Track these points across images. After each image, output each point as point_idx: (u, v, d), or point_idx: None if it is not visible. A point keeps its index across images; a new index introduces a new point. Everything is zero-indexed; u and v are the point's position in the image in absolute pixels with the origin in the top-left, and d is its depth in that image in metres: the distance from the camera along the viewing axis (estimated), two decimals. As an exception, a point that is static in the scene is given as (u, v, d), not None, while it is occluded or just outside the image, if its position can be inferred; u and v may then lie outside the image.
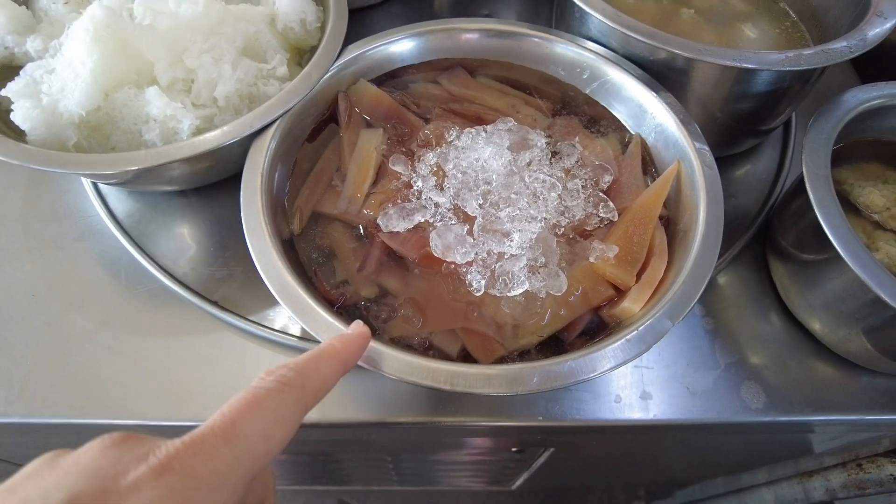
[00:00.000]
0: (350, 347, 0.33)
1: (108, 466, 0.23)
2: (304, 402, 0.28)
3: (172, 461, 0.23)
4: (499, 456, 0.67)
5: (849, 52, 0.49)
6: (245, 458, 0.25)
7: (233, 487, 0.24)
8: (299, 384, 0.28)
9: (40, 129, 0.47)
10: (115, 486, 0.22)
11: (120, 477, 0.22)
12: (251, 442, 0.25)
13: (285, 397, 0.27)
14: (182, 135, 0.47)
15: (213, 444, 0.24)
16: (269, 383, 0.28)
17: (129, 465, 0.23)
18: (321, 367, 0.30)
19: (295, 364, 0.29)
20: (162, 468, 0.23)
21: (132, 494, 0.22)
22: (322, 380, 0.30)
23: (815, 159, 0.48)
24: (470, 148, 0.47)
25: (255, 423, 0.26)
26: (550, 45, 0.54)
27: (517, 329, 0.43)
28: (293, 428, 0.28)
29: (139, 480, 0.22)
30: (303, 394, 0.28)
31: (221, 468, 0.24)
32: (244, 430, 0.25)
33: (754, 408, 0.52)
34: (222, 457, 0.24)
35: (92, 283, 0.55)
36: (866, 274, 0.44)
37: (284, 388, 0.28)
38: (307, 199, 0.48)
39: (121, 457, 0.23)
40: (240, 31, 0.51)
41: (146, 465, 0.23)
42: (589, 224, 0.46)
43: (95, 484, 0.22)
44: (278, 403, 0.27)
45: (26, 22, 0.53)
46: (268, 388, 0.27)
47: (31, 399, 0.49)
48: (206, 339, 0.52)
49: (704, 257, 0.41)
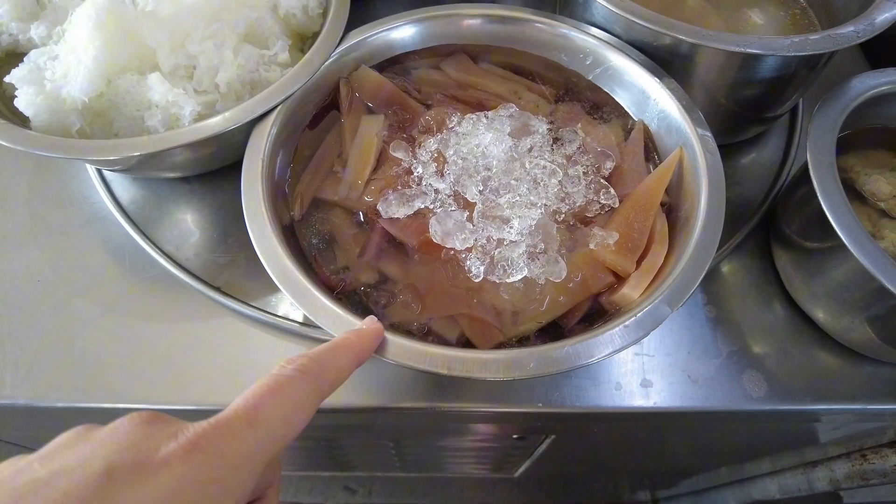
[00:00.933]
0: (365, 341, 0.35)
1: (141, 441, 0.24)
2: (321, 390, 0.30)
3: (200, 440, 0.25)
4: (500, 443, 0.67)
5: (856, 36, 0.48)
6: (266, 440, 0.26)
7: (254, 467, 0.26)
8: (317, 373, 0.30)
9: (44, 115, 0.47)
10: (148, 460, 0.23)
11: (153, 451, 0.24)
12: (272, 426, 0.27)
13: (304, 385, 0.29)
14: (184, 121, 0.48)
15: (237, 427, 0.26)
16: (290, 371, 0.29)
17: (160, 442, 0.24)
18: (337, 358, 0.32)
19: (314, 354, 0.31)
20: (191, 446, 0.24)
21: (164, 468, 0.23)
22: (338, 370, 0.32)
23: (819, 146, 0.48)
24: (471, 134, 0.47)
25: (276, 408, 0.27)
26: (553, 31, 0.54)
27: (516, 315, 0.43)
28: (310, 414, 0.29)
29: (170, 456, 0.24)
30: (319, 382, 0.30)
31: (245, 449, 0.25)
32: (266, 414, 0.27)
33: (756, 396, 0.51)
34: (246, 439, 0.26)
35: (97, 269, 0.55)
36: (870, 262, 0.44)
37: (303, 377, 0.29)
38: (308, 184, 0.48)
39: (152, 433, 0.25)
40: (242, 17, 0.51)
41: (176, 442, 0.24)
42: (590, 210, 0.46)
43: (130, 456, 0.23)
44: (297, 390, 0.29)
45: (30, 8, 0.53)
46: (288, 376, 0.29)
47: (37, 382, 0.50)
48: (209, 325, 0.52)
49: (705, 244, 0.40)
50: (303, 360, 0.30)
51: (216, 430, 0.25)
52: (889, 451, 0.73)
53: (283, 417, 0.27)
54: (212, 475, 0.24)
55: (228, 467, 0.25)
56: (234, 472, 0.25)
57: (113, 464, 0.23)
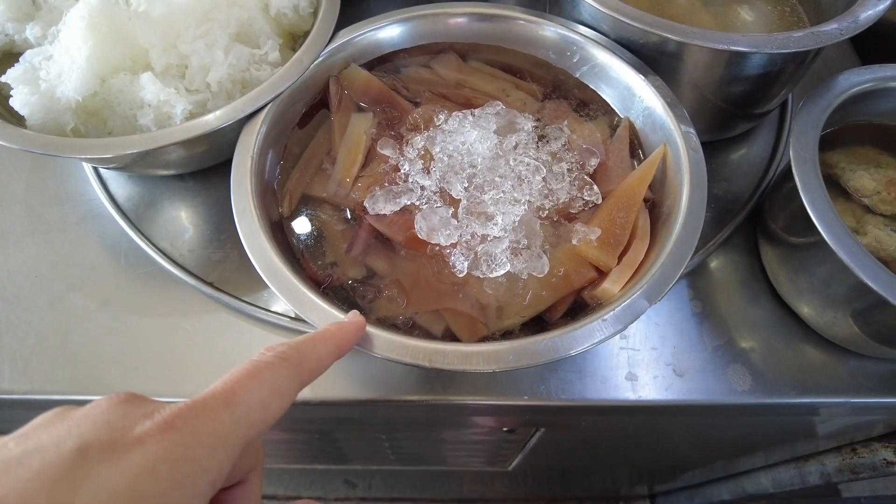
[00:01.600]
0: (346, 334, 0.35)
1: (116, 420, 0.24)
2: (300, 377, 0.30)
3: (176, 419, 0.25)
4: (492, 437, 0.68)
5: (839, 34, 0.49)
6: (243, 423, 0.26)
7: (230, 449, 0.26)
8: (296, 361, 0.30)
9: (39, 114, 0.48)
10: (122, 438, 0.24)
11: (127, 430, 0.24)
12: (249, 409, 0.27)
13: (283, 371, 0.29)
14: (175, 119, 0.49)
15: (214, 408, 0.26)
16: (269, 357, 0.30)
17: (135, 420, 0.24)
18: (318, 348, 0.32)
19: (294, 343, 0.31)
20: (166, 425, 0.24)
21: (138, 446, 0.23)
22: (318, 359, 0.32)
23: (802, 143, 0.48)
24: (457, 131, 0.48)
25: (254, 392, 0.28)
26: (540, 29, 0.55)
27: (501, 310, 0.43)
28: (289, 400, 0.29)
29: (145, 434, 0.24)
30: (299, 370, 0.30)
31: (220, 430, 0.25)
32: (244, 397, 0.27)
33: (740, 390, 0.52)
34: (222, 420, 0.26)
35: (93, 265, 0.56)
36: (850, 258, 0.44)
37: (283, 363, 0.30)
38: (297, 182, 0.49)
39: (128, 412, 0.25)
40: (233, 16, 0.52)
41: (152, 421, 0.24)
42: (573, 207, 0.46)
43: (104, 434, 0.24)
44: (276, 376, 0.29)
45: (26, 9, 0.54)
46: (267, 362, 0.29)
47: (34, 376, 0.51)
48: (203, 320, 0.53)
49: (685, 239, 0.41)
50: (283, 347, 0.31)
51: (192, 410, 0.25)
52: (878, 446, 0.74)
53: (261, 402, 0.28)
54: (186, 454, 0.24)
55: (203, 447, 0.25)
56: (210, 451, 0.25)
57: (87, 442, 0.23)
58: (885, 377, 0.53)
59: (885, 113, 0.54)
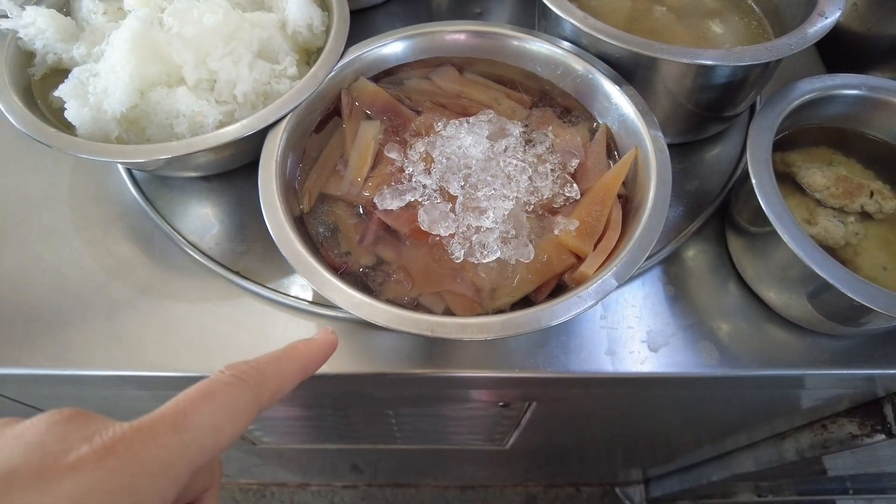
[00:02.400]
0: (314, 352, 0.33)
1: (51, 443, 0.23)
2: (260, 400, 0.28)
3: (117, 445, 0.23)
4: (489, 412, 0.75)
5: (790, 48, 0.55)
6: (192, 448, 0.25)
7: (175, 477, 0.24)
8: (257, 382, 0.28)
9: (88, 124, 0.55)
10: (54, 464, 0.22)
11: (61, 455, 0.22)
12: (200, 433, 0.25)
13: (241, 393, 0.27)
14: (207, 128, 0.55)
15: (160, 432, 0.24)
16: (228, 378, 0.28)
17: (72, 444, 0.23)
18: (281, 367, 0.31)
19: (256, 362, 0.30)
20: (105, 451, 0.23)
21: (70, 474, 0.22)
22: (280, 380, 0.30)
23: (757, 145, 0.55)
24: (454, 137, 0.54)
25: (207, 415, 0.26)
26: (529, 44, 0.61)
27: (493, 292, 0.50)
28: (245, 424, 0.28)
29: (80, 461, 0.22)
30: (259, 392, 0.28)
31: (165, 456, 0.24)
32: (195, 420, 0.25)
33: (708, 364, 0.58)
34: (168, 445, 0.24)
35: (130, 258, 0.62)
36: (797, 246, 0.50)
37: (241, 385, 0.28)
38: (315, 182, 0.55)
39: (67, 434, 0.23)
40: (255, 36, 0.59)
41: (90, 446, 0.23)
42: (555, 202, 0.53)
43: (35, 459, 0.22)
44: (233, 399, 0.27)
45: (71, 31, 0.61)
46: (225, 383, 0.27)
47: (83, 354, 0.57)
48: (230, 304, 0.59)
49: (650, 228, 0.48)
50: (243, 367, 0.29)
51: (136, 433, 0.24)
52: (845, 420, 0.80)
53: (214, 425, 0.26)
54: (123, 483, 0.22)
55: (144, 475, 0.23)
56: (150, 480, 0.23)
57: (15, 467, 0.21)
58: (836, 351, 0.59)
59: (832, 117, 0.61)
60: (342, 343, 0.57)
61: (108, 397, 0.67)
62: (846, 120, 0.61)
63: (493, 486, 1.67)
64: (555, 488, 1.67)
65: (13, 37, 0.59)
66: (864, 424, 0.76)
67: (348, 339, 0.58)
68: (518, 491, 1.67)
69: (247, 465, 1.37)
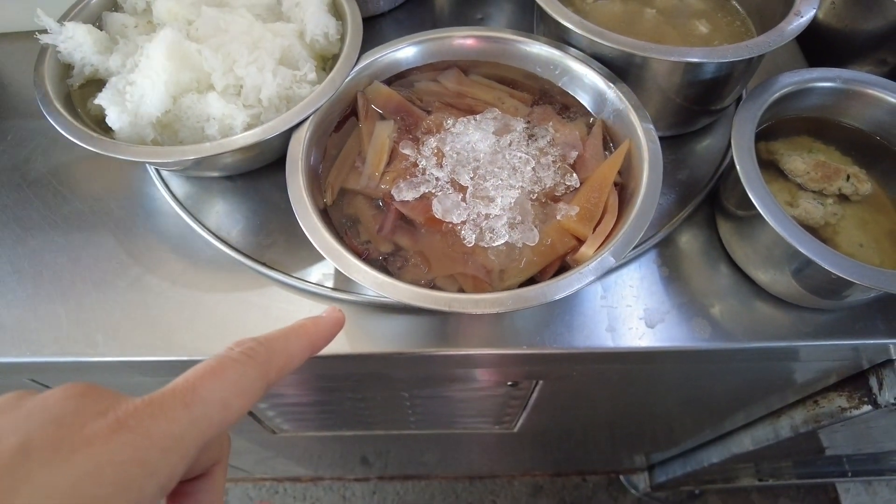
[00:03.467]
0: (321, 329, 0.33)
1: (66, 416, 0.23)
2: (268, 376, 0.29)
3: (129, 419, 0.24)
4: (498, 391, 0.80)
5: (768, 45, 0.60)
6: (201, 423, 0.25)
7: (185, 450, 0.25)
8: (265, 358, 0.29)
9: (126, 129, 0.59)
10: (69, 436, 0.23)
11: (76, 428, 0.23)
12: (209, 408, 0.26)
13: (249, 369, 0.28)
14: (236, 130, 0.60)
15: (171, 407, 0.25)
16: (236, 354, 0.28)
17: (87, 418, 0.23)
18: (289, 344, 0.31)
19: (264, 338, 0.30)
20: (118, 425, 0.23)
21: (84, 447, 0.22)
22: (288, 357, 0.31)
23: (741, 134, 0.60)
24: (463, 133, 0.59)
25: (216, 390, 0.26)
26: (529, 48, 0.66)
27: (502, 273, 0.55)
28: (253, 400, 0.28)
29: (94, 434, 0.23)
30: (267, 368, 0.29)
31: (176, 431, 0.24)
32: (203, 395, 0.26)
33: (701, 338, 0.62)
34: (178, 420, 0.25)
35: (162, 251, 0.66)
36: (780, 226, 0.55)
37: (249, 361, 0.28)
38: (336, 177, 0.60)
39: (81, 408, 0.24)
40: (277, 44, 0.64)
41: (104, 419, 0.23)
42: (557, 190, 0.58)
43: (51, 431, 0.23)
44: (241, 375, 0.28)
45: (106, 43, 0.65)
46: (233, 359, 0.28)
47: (122, 342, 0.61)
48: (258, 292, 0.64)
49: (643, 212, 0.52)
50: (252, 343, 0.29)
51: (148, 408, 0.24)
52: (834, 394, 0.84)
53: (222, 401, 0.26)
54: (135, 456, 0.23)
55: (155, 448, 0.24)
56: (161, 454, 0.24)
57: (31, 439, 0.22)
58: (820, 324, 0.63)
59: (811, 108, 0.65)
60: (361, 325, 0.62)
61: (142, 384, 0.72)
62: (824, 110, 0.66)
63: (500, 475, 1.71)
64: (561, 477, 1.72)
65: (52, 50, 0.64)
66: (852, 397, 0.80)
67: (367, 321, 0.62)
68: (525, 481, 1.71)
69: (262, 458, 1.42)
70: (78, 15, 0.67)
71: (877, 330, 0.62)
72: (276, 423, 0.97)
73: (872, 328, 0.63)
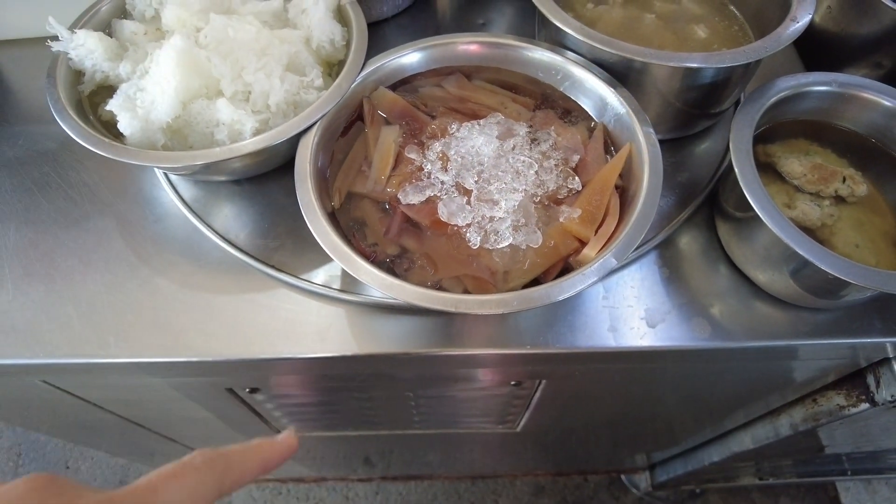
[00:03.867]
0: (276, 452, 0.36)
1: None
2: (221, 486, 0.31)
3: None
4: (501, 391, 0.81)
5: (765, 51, 0.61)
6: None
7: None
8: (222, 470, 0.31)
9: (137, 134, 0.61)
10: None
11: None
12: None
13: (207, 478, 0.30)
14: (245, 135, 0.61)
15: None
16: (198, 462, 0.30)
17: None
18: (245, 460, 0.33)
19: (224, 452, 0.32)
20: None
21: None
22: (242, 472, 0.33)
23: (739, 137, 0.61)
24: (467, 138, 0.61)
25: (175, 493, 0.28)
26: (531, 53, 0.67)
27: (507, 274, 0.56)
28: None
29: None
30: (222, 479, 0.31)
31: None
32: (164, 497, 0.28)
33: (701, 337, 0.63)
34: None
35: (171, 254, 0.68)
36: (778, 228, 0.56)
37: (208, 471, 0.30)
38: (343, 181, 0.62)
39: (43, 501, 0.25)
40: (284, 51, 0.65)
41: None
42: (560, 193, 0.59)
43: None
44: (199, 482, 0.30)
45: (116, 50, 0.67)
46: (195, 467, 0.30)
47: (133, 344, 0.62)
48: (266, 294, 0.65)
49: (644, 214, 0.54)
50: (213, 454, 0.31)
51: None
52: (832, 393, 0.85)
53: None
54: None
55: None
56: None
57: None
58: (817, 323, 0.64)
59: (807, 111, 0.67)
60: (367, 326, 0.63)
61: (152, 385, 0.73)
62: (820, 113, 0.67)
63: (503, 475, 1.72)
64: (562, 477, 1.72)
65: (64, 57, 0.65)
66: (850, 395, 0.81)
67: (373, 322, 0.63)
68: (527, 481, 1.72)
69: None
70: (88, 22, 0.68)
71: (873, 329, 0.63)
72: (282, 423, 0.98)
73: (869, 327, 0.64)
